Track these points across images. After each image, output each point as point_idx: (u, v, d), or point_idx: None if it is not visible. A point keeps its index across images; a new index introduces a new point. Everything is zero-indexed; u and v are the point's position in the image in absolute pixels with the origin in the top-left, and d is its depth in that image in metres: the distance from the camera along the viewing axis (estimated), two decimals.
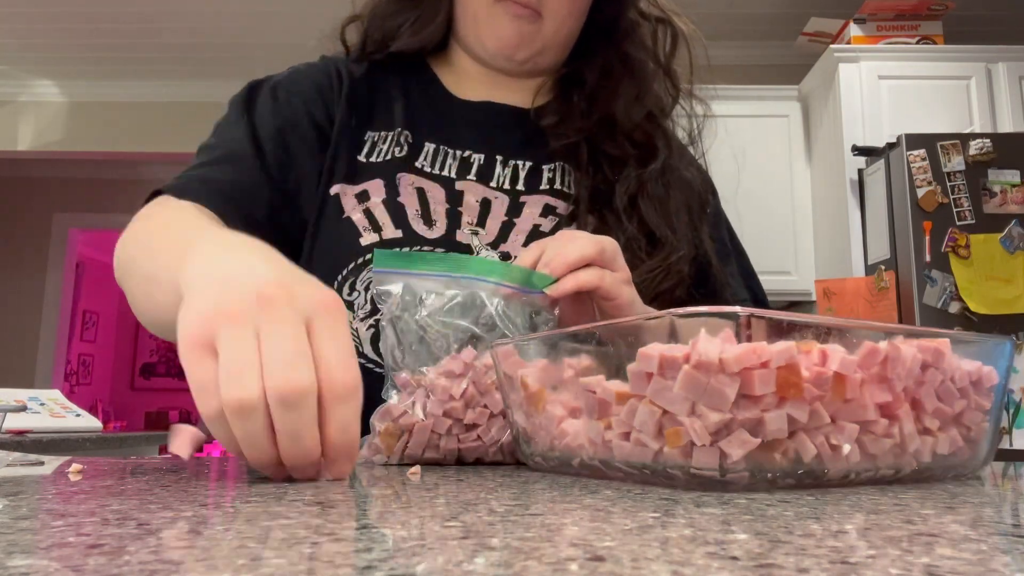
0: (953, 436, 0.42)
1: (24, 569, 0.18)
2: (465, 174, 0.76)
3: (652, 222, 0.75)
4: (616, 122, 0.80)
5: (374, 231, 0.71)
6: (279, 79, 0.80)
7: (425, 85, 0.84)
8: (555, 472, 0.45)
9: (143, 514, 0.27)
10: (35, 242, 5.16)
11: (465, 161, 0.77)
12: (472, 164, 0.77)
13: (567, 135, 0.79)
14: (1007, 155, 2.48)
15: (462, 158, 0.77)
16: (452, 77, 0.85)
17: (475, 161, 0.77)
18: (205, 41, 3.56)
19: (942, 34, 3.00)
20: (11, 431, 1.58)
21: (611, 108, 0.80)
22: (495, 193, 0.75)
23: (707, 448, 0.34)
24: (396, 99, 0.81)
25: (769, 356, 0.34)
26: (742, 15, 3.33)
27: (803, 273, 3.04)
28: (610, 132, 0.80)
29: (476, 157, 0.78)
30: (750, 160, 3.06)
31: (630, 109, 0.80)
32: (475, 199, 0.75)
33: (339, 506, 0.29)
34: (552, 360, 0.45)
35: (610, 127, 0.80)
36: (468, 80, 0.84)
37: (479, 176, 0.76)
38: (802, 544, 0.21)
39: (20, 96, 4.04)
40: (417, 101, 0.82)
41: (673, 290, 0.73)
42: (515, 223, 0.74)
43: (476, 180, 0.76)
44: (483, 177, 0.76)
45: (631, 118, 0.80)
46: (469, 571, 0.18)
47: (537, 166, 0.78)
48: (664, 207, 0.76)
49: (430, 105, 0.82)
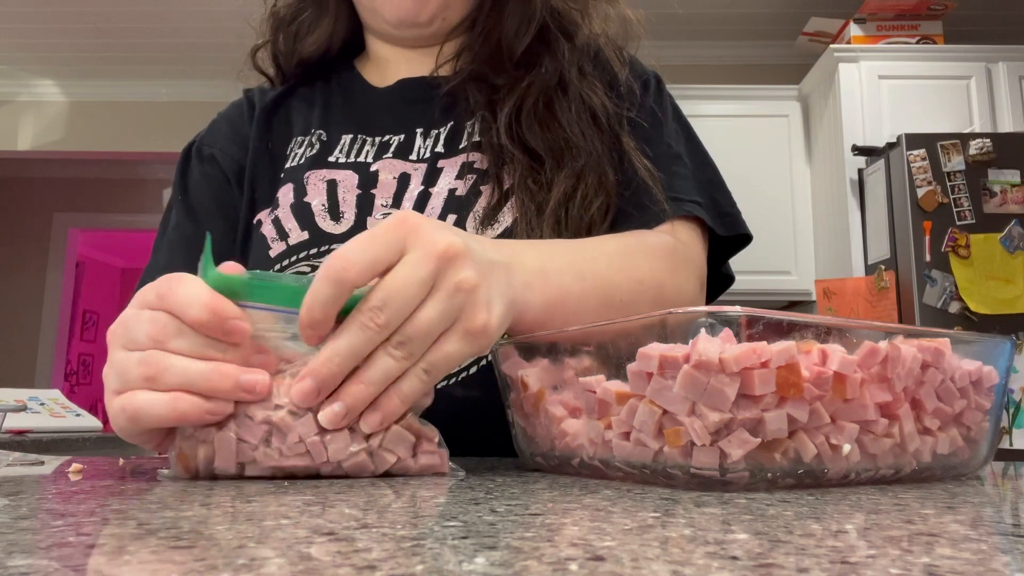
0: (953, 436, 0.42)
1: (24, 569, 0.18)
2: (383, 154, 0.73)
3: (533, 142, 0.69)
4: (502, 49, 0.75)
5: (281, 239, 0.69)
6: (202, 136, 0.81)
7: (345, 83, 0.81)
8: (555, 472, 0.45)
9: (143, 514, 0.27)
10: (35, 242, 5.16)
11: (384, 144, 0.74)
12: (391, 145, 0.74)
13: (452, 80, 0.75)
14: (1007, 155, 2.48)
15: (380, 142, 0.74)
16: (374, 70, 0.82)
17: (394, 143, 0.74)
18: (205, 41, 3.56)
19: (942, 34, 3.00)
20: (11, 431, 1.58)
21: (497, 35, 0.75)
22: (415, 165, 0.72)
23: (707, 448, 0.34)
24: (316, 104, 0.79)
25: (769, 356, 0.34)
26: (742, 15, 3.33)
27: (803, 273, 3.05)
28: (498, 62, 0.75)
29: (395, 139, 0.74)
30: (750, 160, 3.06)
31: (518, 31, 0.74)
32: (391, 176, 0.71)
33: (339, 506, 0.29)
34: (552, 360, 0.45)
35: (499, 57, 0.75)
36: (387, 67, 0.81)
37: (397, 153, 0.73)
38: (802, 544, 0.21)
39: (20, 96, 4.05)
40: (336, 100, 0.80)
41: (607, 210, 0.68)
42: (431, 192, 0.69)
43: (394, 157, 0.72)
44: (402, 153, 0.73)
45: (519, 41, 0.74)
46: (469, 571, 0.18)
47: (459, 125, 0.74)
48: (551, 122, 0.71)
49: (347, 100, 0.79)
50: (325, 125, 0.77)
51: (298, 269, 0.67)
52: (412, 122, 0.75)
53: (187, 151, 0.81)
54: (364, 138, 0.75)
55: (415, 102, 0.77)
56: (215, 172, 0.77)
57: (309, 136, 0.76)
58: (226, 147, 0.78)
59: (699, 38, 3.45)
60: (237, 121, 0.80)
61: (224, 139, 0.79)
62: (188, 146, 0.81)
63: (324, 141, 0.75)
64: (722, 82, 3.23)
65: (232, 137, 0.79)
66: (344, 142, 0.75)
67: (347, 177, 0.71)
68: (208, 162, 0.78)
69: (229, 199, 0.76)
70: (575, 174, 0.67)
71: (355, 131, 0.75)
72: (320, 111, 0.78)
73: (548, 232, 0.65)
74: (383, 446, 0.41)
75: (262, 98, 0.81)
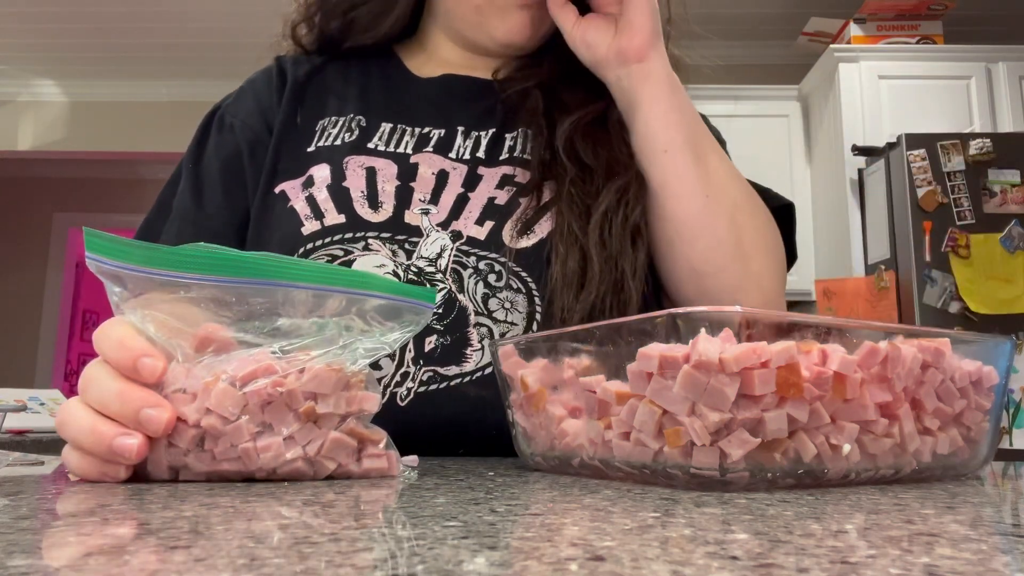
0: (953, 436, 0.42)
1: (24, 569, 0.18)
2: (423, 148, 0.73)
3: (586, 155, 0.70)
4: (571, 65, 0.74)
5: (316, 218, 0.68)
6: (227, 104, 0.80)
7: (385, 69, 0.80)
8: (555, 472, 0.45)
9: (143, 514, 0.27)
10: (35, 241, 5.16)
11: (424, 137, 0.73)
12: (431, 139, 0.73)
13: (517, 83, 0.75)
14: (1007, 155, 2.48)
15: (420, 134, 0.74)
16: (421, 59, 0.81)
17: (434, 136, 0.73)
18: (206, 41, 3.57)
19: (942, 34, 3.00)
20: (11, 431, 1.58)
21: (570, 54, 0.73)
22: (453, 164, 0.71)
23: (707, 448, 0.34)
24: (352, 86, 0.78)
25: (769, 356, 0.34)
26: (742, 15, 3.34)
27: (803, 273, 3.05)
28: (566, 78, 0.75)
29: (436, 132, 0.74)
30: (750, 160, 3.05)
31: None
32: (431, 171, 0.71)
33: (339, 506, 0.29)
34: (552, 360, 0.45)
35: (566, 73, 0.75)
36: (437, 60, 0.80)
37: (437, 148, 0.72)
38: (802, 544, 0.21)
39: (20, 96, 4.05)
40: (376, 85, 0.79)
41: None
42: (470, 197, 0.69)
43: (434, 152, 0.72)
44: (442, 149, 0.72)
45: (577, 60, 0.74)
46: (469, 571, 0.18)
47: (500, 134, 0.74)
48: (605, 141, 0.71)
49: (388, 87, 0.79)
50: (364, 110, 0.76)
51: (329, 251, 0.67)
52: (454, 118, 0.75)
53: (209, 117, 0.80)
54: (404, 128, 0.74)
55: (460, 98, 0.76)
56: (232, 143, 0.76)
57: (347, 119, 0.75)
58: (247, 118, 0.77)
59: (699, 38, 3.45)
60: (263, 91, 0.79)
61: (246, 110, 0.78)
62: (212, 111, 0.80)
63: (363, 127, 0.74)
64: (722, 82, 3.23)
65: (255, 108, 0.78)
66: (384, 130, 0.74)
67: (386, 166, 0.71)
68: (227, 131, 0.77)
69: (238, 174, 0.75)
70: (621, 188, 0.69)
71: (395, 120, 0.75)
72: (357, 93, 0.78)
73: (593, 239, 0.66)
74: (322, 454, 0.40)
75: (295, 69, 0.80)
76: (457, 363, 0.63)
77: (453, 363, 0.63)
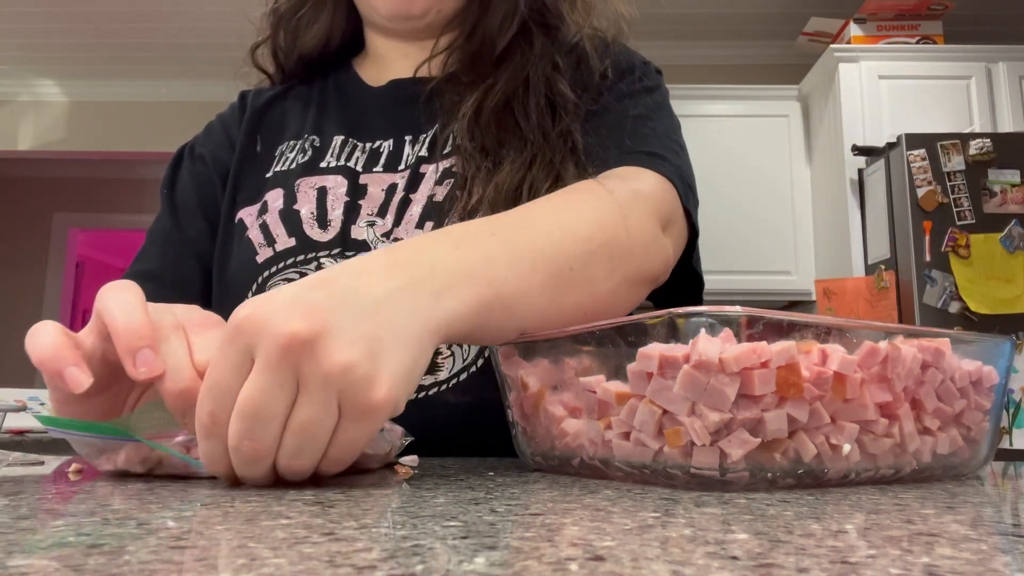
0: (953, 436, 0.42)
1: (24, 569, 0.18)
2: (372, 166, 0.73)
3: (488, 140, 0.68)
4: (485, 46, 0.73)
5: (268, 245, 0.69)
6: (198, 138, 0.83)
7: (341, 82, 0.81)
8: (555, 472, 0.45)
9: (143, 514, 0.27)
10: (35, 241, 5.16)
11: (374, 153, 0.74)
12: (381, 155, 0.73)
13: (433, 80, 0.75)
14: (1007, 155, 2.48)
15: (372, 150, 0.74)
16: (371, 67, 0.82)
17: (384, 152, 0.74)
18: (205, 41, 3.56)
19: (942, 34, 3.00)
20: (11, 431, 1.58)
21: (482, 30, 0.73)
22: (401, 175, 0.71)
23: (707, 448, 0.34)
24: (311, 106, 0.80)
25: (769, 356, 0.34)
26: (742, 15, 3.33)
27: (803, 273, 3.05)
28: (480, 60, 0.74)
29: (385, 146, 0.74)
30: (750, 160, 3.06)
31: (501, 26, 0.73)
32: (380, 188, 0.71)
33: (339, 506, 0.29)
34: (552, 360, 0.45)
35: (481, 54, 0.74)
36: (384, 63, 0.81)
37: (387, 165, 0.72)
38: (802, 544, 0.21)
39: (20, 96, 4.04)
40: (332, 99, 0.80)
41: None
42: (411, 199, 0.69)
43: (383, 171, 0.72)
44: (391, 165, 0.72)
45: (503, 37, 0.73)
46: (469, 571, 0.18)
47: (443, 128, 0.73)
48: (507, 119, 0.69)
49: (342, 100, 0.79)
50: (319, 128, 0.77)
51: (286, 276, 0.67)
52: (401, 127, 0.75)
53: (181, 150, 0.83)
54: (355, 143, 0.75)
55: (405, 104, 0.76)
56: (204, 171, 0.79)
57: (302, 141, 0.76)
58: (216, 150, 0.80)
59: (699, 38, 3.45)
60: (230, 123, 0.82)
61: (215, 142, 0.81)
62: (182, 147, 0.83)
63: (316, 147, 0.75)
64: (722, 82, 3.23)
65: (224, 140, 0.81)
66: (336, 144, 0.75)
67: (337, 184, 0.71)
68: (198, 161, 0.80)
69: (213, 199, 0.78)
70: (524, 164, 0.66)
71: (347, 133, 0.76)
72: (315, 113, 0.79)
73: None
74: None
75: (255, 99, 0.82)
76: (431, 371, 0.63)
77: (427, 372, 0.62)
